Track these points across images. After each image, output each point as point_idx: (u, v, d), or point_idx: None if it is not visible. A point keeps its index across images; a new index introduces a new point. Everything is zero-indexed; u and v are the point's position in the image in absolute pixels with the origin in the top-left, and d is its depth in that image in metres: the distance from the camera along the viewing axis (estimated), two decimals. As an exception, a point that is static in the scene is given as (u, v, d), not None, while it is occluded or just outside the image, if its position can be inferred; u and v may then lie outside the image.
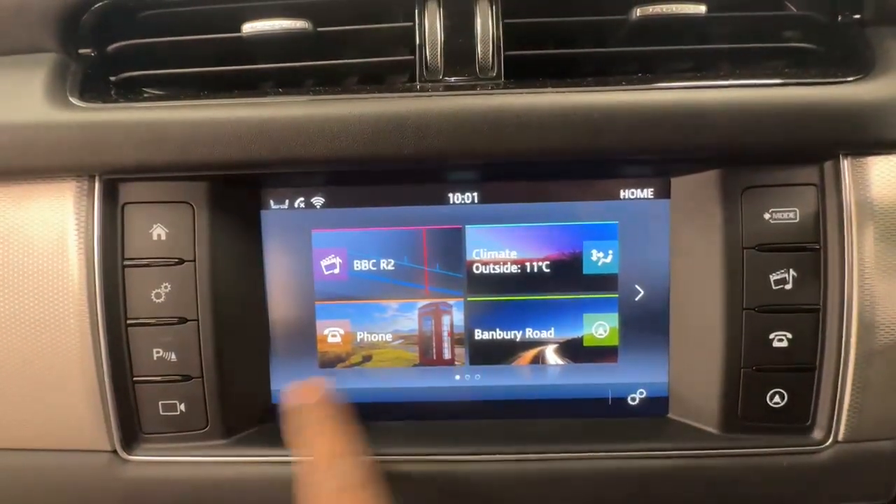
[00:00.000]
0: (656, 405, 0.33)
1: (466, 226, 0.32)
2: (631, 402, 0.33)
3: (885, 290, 0.28)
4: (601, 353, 0.32)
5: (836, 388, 0.29)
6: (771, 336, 0.29)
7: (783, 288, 0.29)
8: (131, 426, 0.30)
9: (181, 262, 0.29)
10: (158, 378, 0.30)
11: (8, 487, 0.31)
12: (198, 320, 0.29)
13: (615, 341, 0.32)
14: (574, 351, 0.32)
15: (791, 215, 0.29)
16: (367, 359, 0.33)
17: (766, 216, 0.29)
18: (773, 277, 0.29)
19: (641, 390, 0.33)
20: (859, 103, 0.26)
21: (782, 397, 0.29)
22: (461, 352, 0.33)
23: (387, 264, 0.32)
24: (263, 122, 0.27)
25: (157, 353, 0.30)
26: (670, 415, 0.32)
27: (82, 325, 0.29)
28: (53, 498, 0.31)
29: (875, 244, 0.28)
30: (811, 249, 0.28)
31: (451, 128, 0.26)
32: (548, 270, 0.32)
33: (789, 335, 0.29)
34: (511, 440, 0.30)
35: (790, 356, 0.29)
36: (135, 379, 0.30)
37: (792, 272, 0.28)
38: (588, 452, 0.30)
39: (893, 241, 0.28)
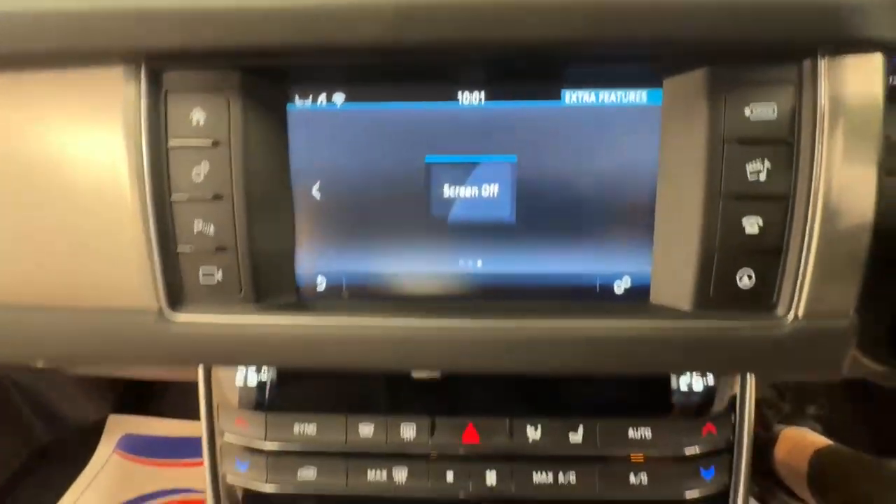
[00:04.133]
0: (639, 292, 0.37)
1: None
2: (616, 290, 0.37)
3: (849, 183, 0.31)
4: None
5: (799, 270, 0.32)
6: (743, 222, 0.32)
7: (758, 178, 0.32)
8: (176, 289, 0.34)
9: (217, 144, 0.33)
10: (198, 248, 0.34)
11: (70, 342, 0.36)
12: (232, 197, 0.33)
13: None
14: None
15: (769, 111, 0.31)
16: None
17: (747, 112, 0.31)
18: (749, 168, 0.32)
19: (626, 277, 0.37)
20: (837, 1, 0.29)
21: (751, 278, 0.33)
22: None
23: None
24: (293, 8, 0.30)
25: (197, 225, 0.34)
26: (651, 300, 0.36)
27: (133, 201, 0.33)
28: (111, 349, 0.35)
29: (844, 140, 0.31)
30: (785, 143, 0.31)
31: (461, 17, 0.29)
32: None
33: (760, 221, 0.32)
34: (503, 313, 0.34)
35: (760, 240, 0.32)
36: (178, 248, 0.34)
37: (767, 163, 0.31)
38: (572, 320, 0.34)
39: (861, 138, 0.31)
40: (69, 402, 1.29)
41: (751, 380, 0.37)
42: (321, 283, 0.38)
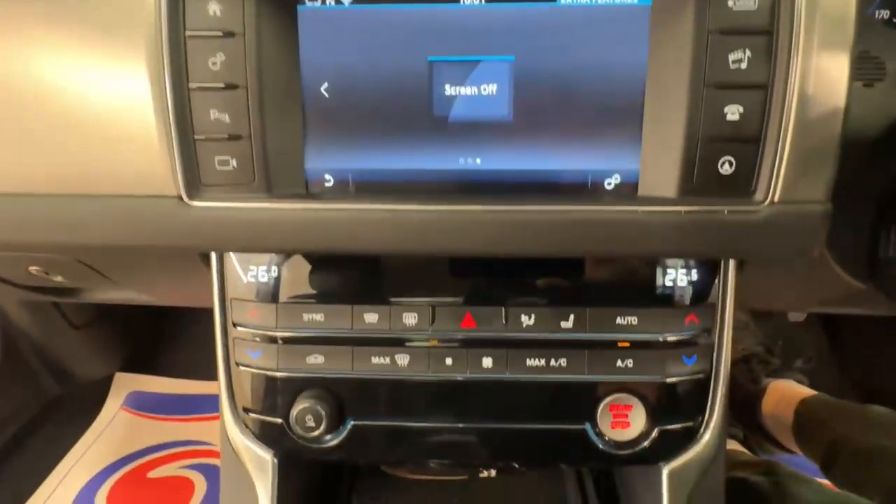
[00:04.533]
0: (628, 189, 0.39)
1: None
2: (606, 186, 0.39)
3: (824, 72, 0.33)
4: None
5: (776, 157, 0.34)
6: (725, 110, 0.34)
7: (739, 67, 0.34)
8: (193, 177, 0.37)
9: (232, 35, 0.35)
10: (214, 136, 0.36)
11: (92, 227, 0.38)
12: (246, 87, 0.35)
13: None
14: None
15: (751, 2, 0.33)
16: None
17: (730, 2, 0.33)
18: (731, 58, 0.34)
19: (616, 175, 0.39)
20: None
21: (731, 165, 0.35)
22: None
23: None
24: None
25: (214, 114, 0.36)
26: (639, 195, 0.39)
27: (154, 90, 0.35)
28: (131, 234, 0.38)
29: (820, 30, 0.33)
30: (765, 33, 0.33)
31: None
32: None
33: (741, 109, 0.34)
34: (500, 199, 0.37)
35: (740, 128, 0.34)
36: (196, 136, 0.36)
37: (747, 52, 0.34)
38: (565, 205, 0.36)
39: (836, 28, 0.33)
40: (77, 358, 1.32)
41: (731, 270, 0.40)
42: (329, 180, 0.40)
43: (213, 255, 0.43)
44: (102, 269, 0.49)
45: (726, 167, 0.35)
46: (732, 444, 1.03)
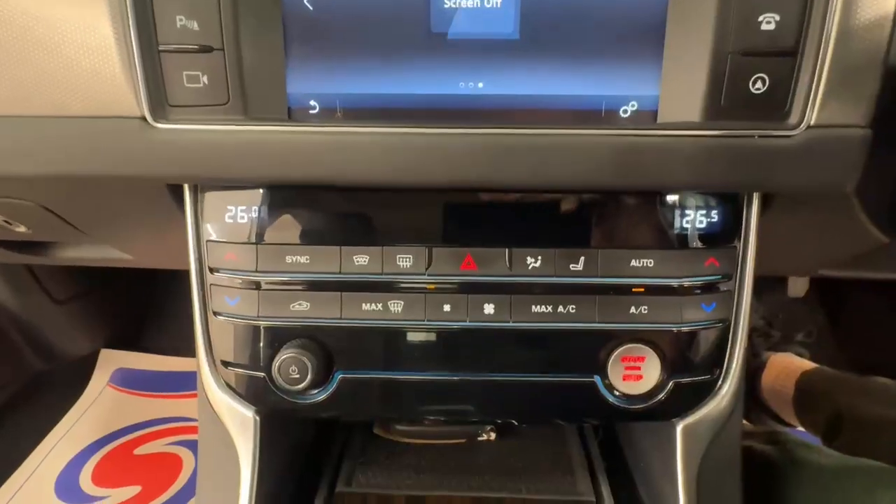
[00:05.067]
0: (646, 117, 0.35)
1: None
2: (622, 115, 0.36)
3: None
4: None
5: (814, 73, 0.31)
6: (759, 18, 0.30)
7: (776, -33, 0.30)
8: (159, 94, 0.32)
9: (201, -75, 0.30)
10: (182, 47, 0.32)
11: (54, 150, 0.34)
12: (217, -11, 0.31)
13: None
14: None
15: None
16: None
17: None
18: (768, -44, 0.30)
19: (633, 102, 0.35)
20: None
21: (764, 83, 0.32)
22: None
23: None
24: None
25: (181, 20, 0.31)
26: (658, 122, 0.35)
27: (110, -9, 0.31)
28: (89, 162, 0.34)
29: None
30: (807, -73, 0.30)
31: None
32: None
33: (777, 17, 0.30)
34: (504, 123, 0.33)
35: (775, 39, 0.31)
36: (160, 47, 0.32)
37: (786, -49, 0.30)
38: (576, 130, 0.32)
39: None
40: (60, 334, 1.28)
41: (756, 209, 0.37)
42: (314, 106, 0.36)
43: (187, 192, 0.39)
44: (68, 215, 0.45)
45: (758, 85, 0.32)
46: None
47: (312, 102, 0.36)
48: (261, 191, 0.37)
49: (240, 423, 0.40)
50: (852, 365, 1.24)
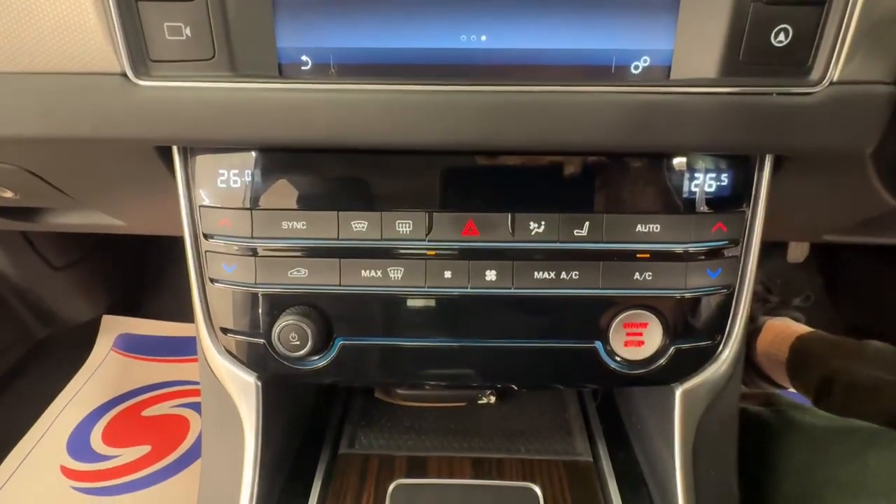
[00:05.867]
0: (659, 74, 0.33)
1: None
2: (634, 70, 0.34)
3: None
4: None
5: (841, 24, 0.29)
6: (787, -37, 0.28)
7: None
8: (139, 48, 0.30)
9: None
10: (160, -6, 0.29)
11: (29, 110, 0.32)
12: (197, -74, 0.28)
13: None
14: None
15: None
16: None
17: None
18: None
19: (646, 57, 0.33)
20: None
21: (787, 35, 0.29)
22: None
23: None
24: None
25: (157, -35, 0.29)
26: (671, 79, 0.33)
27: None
28: (72, 121, 0.32)
29: None
30: None
31: None
32: None
33: (806, -38, 0.28)
34: (508, 80, 0.31)
35: (802, -13, 0.29)
36: (137, -4, 0.29)
37: None
38: (585, 86, 0.30)
39: None
40: (61, 300, 1.29)
41: (767, 173, 0.35)
42: (306, 62, 0.33)
43: (177, 156, 0.37)
44: (54, 180, 0.44)
45: (780, 37, 0.30)
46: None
47: (304, 58, 0.34)
48: (253, 153, 0.36)
49: (241, 388, 0.40)
50: (849, 330, 1.26)
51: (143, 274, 1.48)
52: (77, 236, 1.27)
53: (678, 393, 0.39)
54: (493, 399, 0.52)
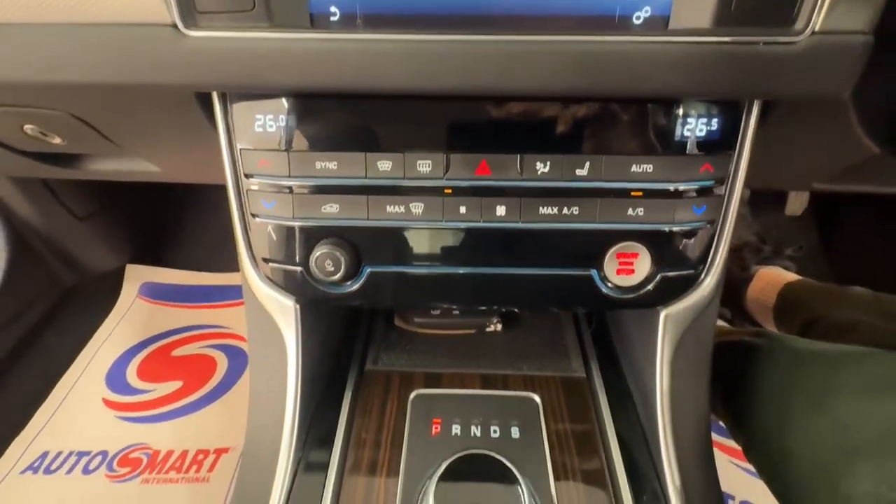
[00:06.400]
0: (658, 23, 0.36)
1: None
2: (635, 20, 0.37)
3: None
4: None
5: (825, -22, 0.32)
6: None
7: None
8: (188, 1, 0.33)
9: None
10: (206, -51, 0.32)
11: (85, 58, 0.35)
12: None
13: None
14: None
15: None
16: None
17: None
18: None
19: (647, 8, 0.36)
20: None
21: (774, -15, 0.32)
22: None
23: None
24: None
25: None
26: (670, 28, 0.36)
27: None
28: (124, 68, 0.35)
29: None
30: None
31: None
32: None
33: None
34: (524, 29, 0.34)
35: (792, -60, 0.31)
36: (185, -50, 0.32)
37: None
38: (590, 36, 0.34)
39: None
40: (86, 250, 1.35)
41: (754, 117, 0.39)
42: (334, 13, 0.37)
43: (217, 103, 0.41)
44: (100, 125, 0.47)
45: (769, -12, 0.32)
46: (719, 324, 1.10)
47: (333, 8, 0.37)
48: (287, 100, 0.39)
49: (282, 311, 0.46)
50: (840, 280, 1.31)
51: (162, 226, 1.53)
52: (97, 188, 1.31)
53: (662, 315, 0.45)
54: (499, 327, 0.58)
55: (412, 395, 0.49)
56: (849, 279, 1.36)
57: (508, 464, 0.39)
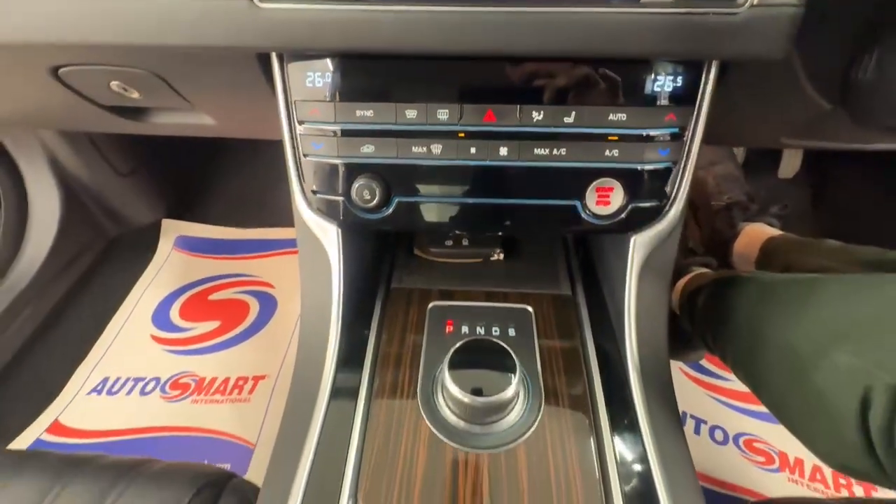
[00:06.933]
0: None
1: None
2: (613, -6, 0.45)
3: None
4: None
5: (760, -40, 0.40)
6: None
7: None
8: (261, -21, 0.43)
9: None
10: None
11: (175, 23, 0.44)
12: None
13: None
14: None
15: None
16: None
17: None
18: None
19: (622, -17, 0.45)
20: None
21: (721, -31, 0.41)
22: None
23: None
24: None
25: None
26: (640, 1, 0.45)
27: None
28: (203, 34, 0.44)
29: None
30: None
31: None
32: None
33: None
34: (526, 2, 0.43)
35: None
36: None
37: None
38: (570, 8, 0.42)
39: None
40: (127, 204, 1.47)
41: (714, 73, 0.48)
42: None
43: (276, 63, 0.51)
44: (176, 82, 0.58)
45: (716, -29, 0.41)
46: (705, 272, 1.20)
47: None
48: (334, 60, 0.49)
49: (327, 235, 0.57)
50: (820, 231, 1.40)
51: (192, 185, 1.65)
52: (136, 147, 1.42)
53: (633, 240, 0.55)
54: (501, 256, 0.68)
55: (429, 306, 0.61)
56: (836, 238, 1.45)
57: (506, 347, 0.50)
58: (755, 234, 1.20)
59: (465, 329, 0.57)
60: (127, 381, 1.20)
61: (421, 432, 0.49)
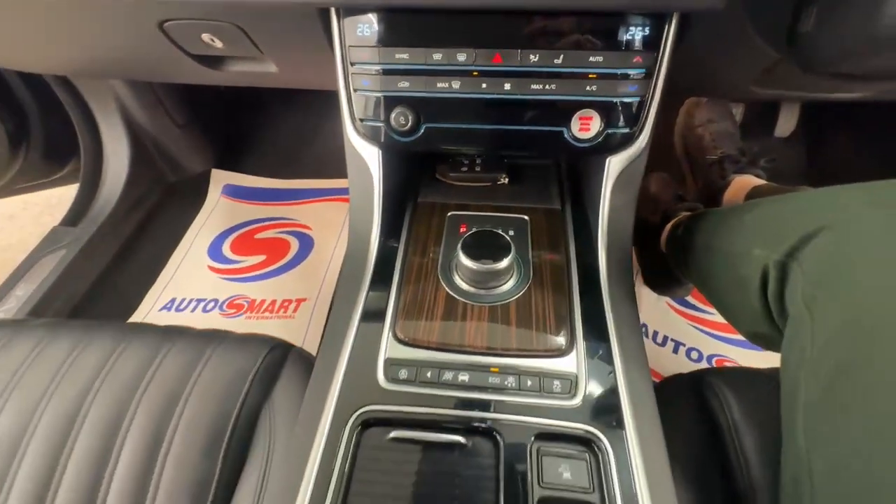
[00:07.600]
0: (608, -38, 0.59)
1: None
2: (594, -40, 0.59)
3: None
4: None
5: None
6: None
7: None
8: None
9: None
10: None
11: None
12: None
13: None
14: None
15: None
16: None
17: None
18: None
19: (601, -48, 0.59)
20: None
21: (673, -61, 0.54)
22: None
23: None
24: None
25: None
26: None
27: None
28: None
29: None
30: None
31: None
32: None
33: None
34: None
35: None
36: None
37: None
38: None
39: None
40: (182, 153, 1.67)
41: (674, 24, 0.61)
42: (410, -43, 0.61)
43: (334, 17, 0.66)
44: (253, 32, 0.74)
45: (667, -58, 0.54)
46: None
47: (409, -47, 0.61)
48: (378, 14, 0.64)
49: (370, 155, 0.73)
50: (805, 181, 1.50)
51: (237, 140, 1.83)
52: (191, 101, 1.61)
53: (608, 161, 0.70)
54: (506, 180, 0.84)
55: (448, 214, 0.78)
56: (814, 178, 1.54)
57: (505, 235, 0.67)
58: (743, 183, 1.32)
59: (475, 230, 0.74)
60: (191, 301, 1.42)
61: (440, 293, 0.67)
